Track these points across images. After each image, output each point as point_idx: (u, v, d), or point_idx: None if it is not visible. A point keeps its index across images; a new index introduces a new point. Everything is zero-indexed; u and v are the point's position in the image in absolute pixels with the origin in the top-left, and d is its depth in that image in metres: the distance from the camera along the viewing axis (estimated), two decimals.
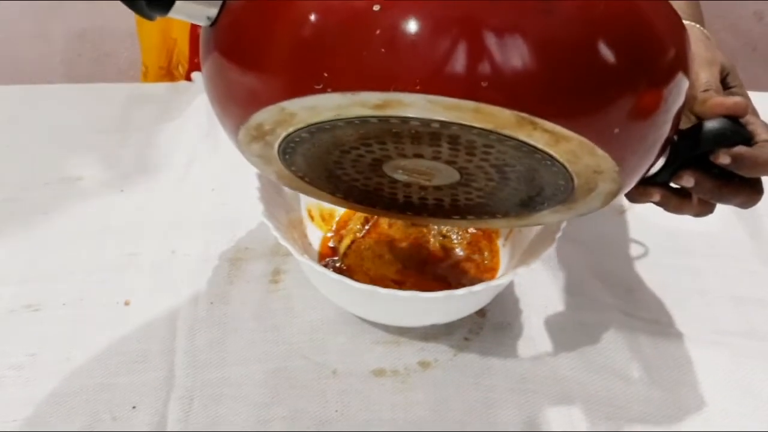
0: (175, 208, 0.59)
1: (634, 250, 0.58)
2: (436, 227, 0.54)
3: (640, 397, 0.46)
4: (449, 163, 0.35)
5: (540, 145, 0.30)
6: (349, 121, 0.30)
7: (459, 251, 0.53)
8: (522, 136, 0.29)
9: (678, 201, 0.39)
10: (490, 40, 0.26)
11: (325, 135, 0.33)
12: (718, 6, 1.39)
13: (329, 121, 0.30)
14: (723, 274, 0.56)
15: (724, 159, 0.36)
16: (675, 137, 0.37)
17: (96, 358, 0.46)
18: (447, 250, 0.53)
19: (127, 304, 0.50)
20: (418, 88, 0.27)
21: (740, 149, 0.36)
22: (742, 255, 0.58)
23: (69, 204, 0.58)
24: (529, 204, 0.39)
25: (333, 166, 0.38)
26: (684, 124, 0.38)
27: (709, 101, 0.38)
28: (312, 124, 0.31)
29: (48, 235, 0.55)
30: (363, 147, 0.34)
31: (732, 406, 0.46)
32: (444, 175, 0.37)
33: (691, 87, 0.39)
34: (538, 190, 0.36)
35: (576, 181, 0.33)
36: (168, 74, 0.83)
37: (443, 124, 0.29)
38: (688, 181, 0.37)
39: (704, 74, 0.40)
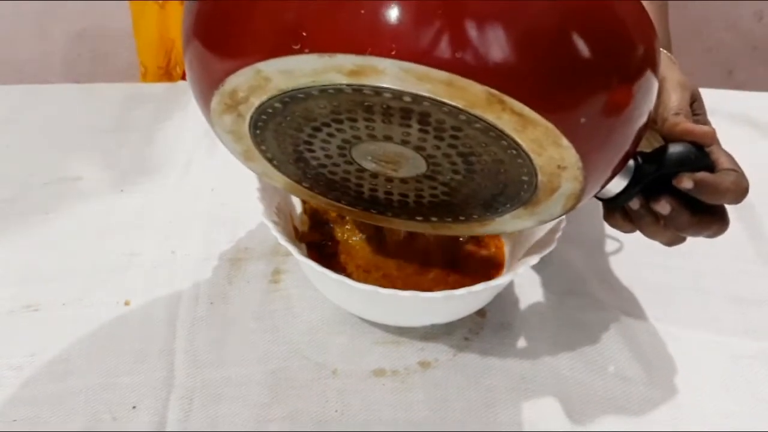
0: (174, 208, 0.59)
1: (634, 250, 0.58)
2: None
3: (639, 396, 0.46)
4: (417, 149, 0.35)
5: (507, 130, 0.30)
6: (323, 90, 0.31)
7: (467, 246, 0.53)
8: (491, 117, 0.30)
9: (653, 223, 0.40)
10: (468, 15, 0.27)
11: (297, 106, 0.33)
12: (718, 6, 1.40)
13: (304, 88, 0.31)
14: (722, 274, 0.56)
15: (687, 183, 0.37)
16: (639, 159, 0.38)
17: (96, 359, 0.46)
18: (454, 245, 0.52)
19: (127, 304, 0.50)
20: (393, 53, 0.27)
21: (703, 175, 0.37)
22: (741, 255, 0.58)
23: (68, 204, 0.58)
24: (491, 205, 0.39)
25: (303, 146, 0.38)
26: (652, 147, 0.39)
27: (679, 126, 0.38)
28: (286, 92, 0.31)
29: (47, 235, 0.55)
30: (334, 123, 0.35)
31: (731, 406, 0.46)
32: (411, 164, 0.37)
33: (662, 108, 0.40)
34: (501, 187, 0.37)
35: (539, 177, 0.34)
36: (167, 74, 0.84)
37: (415, 98, 0.29)
38: (663, 207, 0.38)
39: (675, 96, 0.40)
